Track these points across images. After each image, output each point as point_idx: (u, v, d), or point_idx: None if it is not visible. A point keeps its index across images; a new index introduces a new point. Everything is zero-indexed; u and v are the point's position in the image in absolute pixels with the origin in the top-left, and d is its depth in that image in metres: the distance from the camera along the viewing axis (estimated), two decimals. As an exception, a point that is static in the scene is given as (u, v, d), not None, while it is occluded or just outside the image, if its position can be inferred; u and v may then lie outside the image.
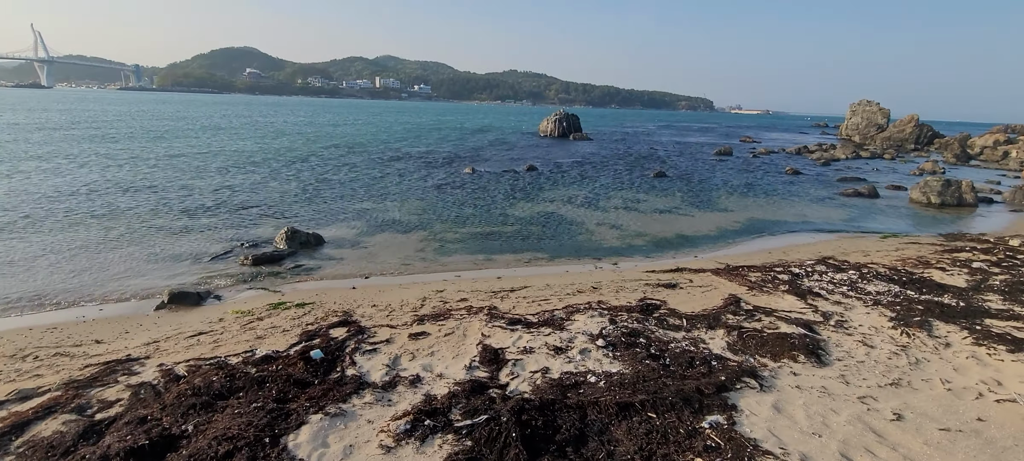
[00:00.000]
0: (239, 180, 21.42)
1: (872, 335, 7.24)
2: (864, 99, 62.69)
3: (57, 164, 22.98)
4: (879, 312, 8.18)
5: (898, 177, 30.71)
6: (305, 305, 8.55)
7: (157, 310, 8.59)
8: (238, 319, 7.86)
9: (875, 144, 54.39)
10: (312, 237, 13.06)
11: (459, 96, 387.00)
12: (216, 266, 11.18)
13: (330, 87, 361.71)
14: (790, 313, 8.09)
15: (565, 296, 9.15)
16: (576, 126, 53.49)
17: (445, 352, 6.49)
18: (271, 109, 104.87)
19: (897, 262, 11.67)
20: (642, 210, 18.83)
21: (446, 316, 7.84)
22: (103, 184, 19.11)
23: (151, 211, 15.45)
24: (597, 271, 11.56)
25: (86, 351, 6.62)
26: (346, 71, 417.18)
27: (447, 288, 9.80)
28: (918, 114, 56.23)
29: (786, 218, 18.59)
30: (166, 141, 35.39)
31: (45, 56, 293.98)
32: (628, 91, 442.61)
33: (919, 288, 9.48)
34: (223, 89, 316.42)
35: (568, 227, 15.86)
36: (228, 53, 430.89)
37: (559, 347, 6.58)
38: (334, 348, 6.47)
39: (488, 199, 19.59)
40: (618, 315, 7.83)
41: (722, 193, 23.20)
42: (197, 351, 6.51)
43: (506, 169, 27.83)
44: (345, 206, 17.65)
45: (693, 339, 6.97)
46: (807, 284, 9.81)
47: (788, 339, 6.85)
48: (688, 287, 9.84)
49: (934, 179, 22.61)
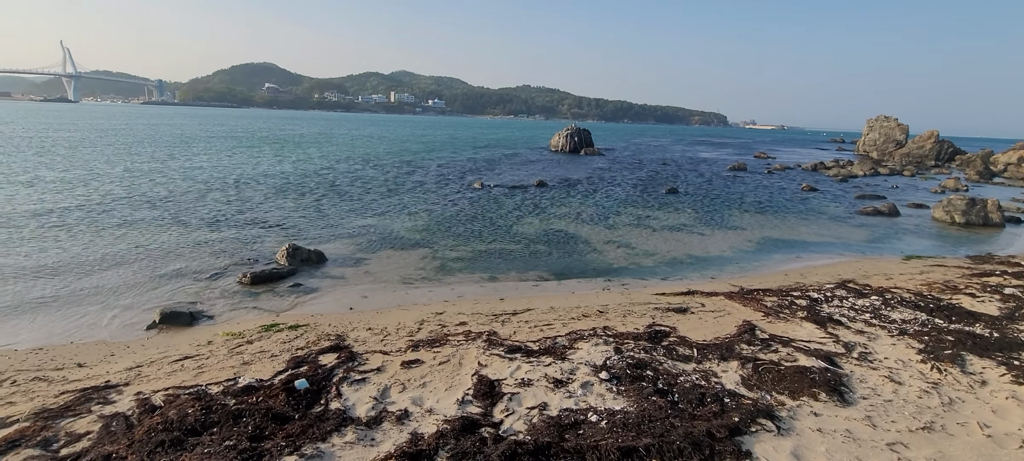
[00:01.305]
0: (247, 194, 21.38)
1: (899, 369, 6.70)
2: (882, 115, 61.55)
3: (70, 177, 23.20)
4: (906, 343, 7.63)
5: (919, 195, 29.82)
6: (298, 327, 8.24)
7: (148, 330, 8.35)
8: (227, 342, 7.56)
9: (894, 160, 53.19)
10: (314, 254, 12.82)
11: (472, 110, 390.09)
12: (214, 284, 10.96)
13: (346, 101, 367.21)
14: (809, 343, 7.58)
15: (569, 321, 8.72)
16: (587, 141, 53.18)
17: (438, 383, 6.11)
18: (286, 123, 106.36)
19: (923, 286, 11.06)
20: (653, 228, 18.35)
21: (442, 342, 7.46)
22: (110, 197, 19.15)
23: (156, 225, 15.36)
24: (604, 293, 11.11)
25: (66, 376, 6.36)
26: (362, 86, 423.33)
27: (447, 310, 9.44)
28: (938, 130, 54.99)
29: (803, 237, 17.96)
30: (179, 153, 35.77)
31: (73, 71, 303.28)
32: (641, 106, 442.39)
33: (948, 316, 8.89)
34: (242, 103, 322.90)
35: (576, 245, 15.45)
36: (248, 69, 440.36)
37: (559, 380, 6.16)
38: (321, 377, 6.13)
39: (495, 215, 19.26)
40: (624, 343, 7.39)
41: (736, 210, 22.61)
42: (179, 378, 6.21)
43: (516, 184, 27.55)
44: (351, 221, 17.44)
45: (704, 372, 6.50)
46: (827, 310, 9.27)
47: (808, 373, 6.35)
48: (700, 312, 9.35)
49: (958, 197, 21.80)
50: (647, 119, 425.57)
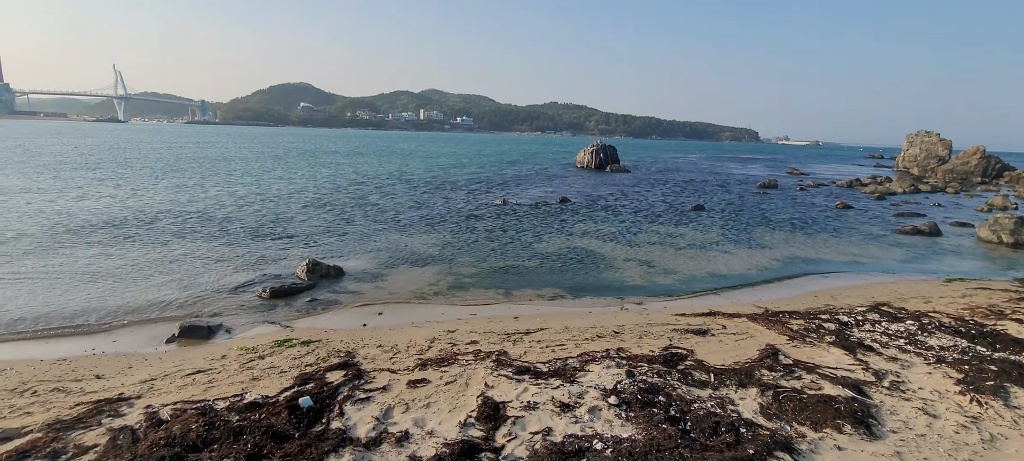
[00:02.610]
0: (278, 209, 21.93)
1: (935, 401, 6.24)
2: (922, 130, 59.12)
3: (115, 192, 24.33)
4: (943, 372, 7.12)
5: (963, 213, 28.33)
6: (311, 343, 8.28)
7: (166, 343, 8.54)
8: (240, 357, 7.65)
9: (936, 177, 50.86)
10: (332, 269, 12.98)
11: (500, 127, 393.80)
12: (235, 298, 11.19)
13: (376, 119, 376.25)
14: (836, 370, 7.16)
15: (583, 341, 8.51)
16: (613, 157, 52.80)
17: (442, 404, 6.00)
18: (320, 140, 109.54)
19: (964, 311, 10.38)
20: (677, 246, 17.92)
21: (451, 361, 7.36)
22: (148, 212, 19.95)
23: (186, 239, 15.87)
24: (621, 313, 10.84)
25: (83, 387, 6.53)
26: (392, 104, 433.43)
27: (459, 328, 9.35)
28: (983, 146, 52.37)
29: (835, 257, 17.23)
30: (219, 169, 37.15)
31: (123, 93, 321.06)
32: (669, 122, 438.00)
33: (991, 344, 8.28)
34: (278, 122, 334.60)
35: (596, 263, 15.20)
36: (285, 88, 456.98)
37: (566, 403, 5.97)
38: (326, 394, 6.10)
39: (516, 231, 19.19)
40: (638, 366, 7.13)
41: (765, 228, 21.92)
42: (189, 392, 6.29)
43: (539, 201, 27.46)
44: (372, 236, 17.65)
45: (720, 399, 6.19)
46: (857, 335, 8.78)
47: (832, 403, 5.98)
48: (720, 334, 9.00)
49: (1005, 216, 20.58)
50: (676, 135, 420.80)
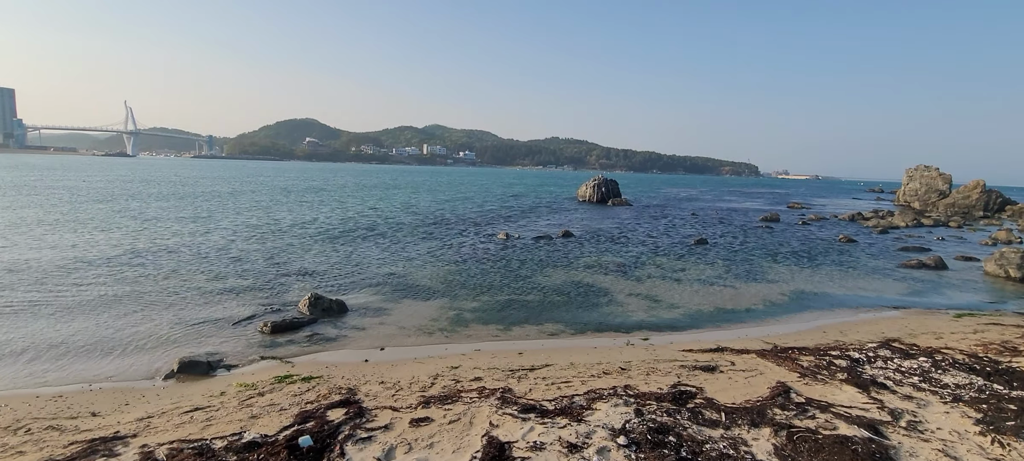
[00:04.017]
0: (282, 243, 21.93)
1: (955, 443, 6.04)
2: (921, 164, 59.54)
3: (110, 225, 24.44)
4: (961, 411, 6.92)
5: (967, 247, 28.19)
6: (312, 379, 8.13)
7: (165, 380, 8.39)
8: (239, 393, 7.50)
9: (937, 211, 50.90)
10: (335, 304, 12.87)
11: (502, 162, 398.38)
12: (236, 333, 11.05)
13: (380, 154, 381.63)
14: (850, 409, 6.97)
15: (589, 378, 8.33)
16: (615, 191, 53.12)
17: (446, 444, 5.83)
18: (327, 174, 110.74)
19: (977, 347, 10.18)
20: (681, 280, 17.79)
21: (455, 399, 7.19)
22: (153, 246, 19.97)
23: (190, 273, 15.81)
24: (627, 348, 10.66)
25: (78, 425, 6.37)
26: (396, 139, 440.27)
27: (463, 364, 9.18)
28: (983, 180, 52.61)
29: (841, 292, 17.06)
30: (227, 203, 37.42)
31: (133, 128, 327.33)
32: (670, 156, 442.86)
33: (1008, 382, 8.08)
34: (284, 157, 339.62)
35: (599, 298, 15.06)
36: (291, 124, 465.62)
37: (574, 444, 5.79)
38: (327, 433, 5.94)
39: (519, 266, 19.10)
40: (646, 404, 6.96)
41: (769, 262, 21.80)
42: (186, 430, 6.13)
43: (541, 235, 27.45)
44: (376, 270, 17.58)
45: (732, 439, 6.00)
46: (869, 372, 8.59)
47: (849, 444, 5.79)
48: (729, 371, 8.81)
49: (1011, 250, 20.46)
50: (676, 169, 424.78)
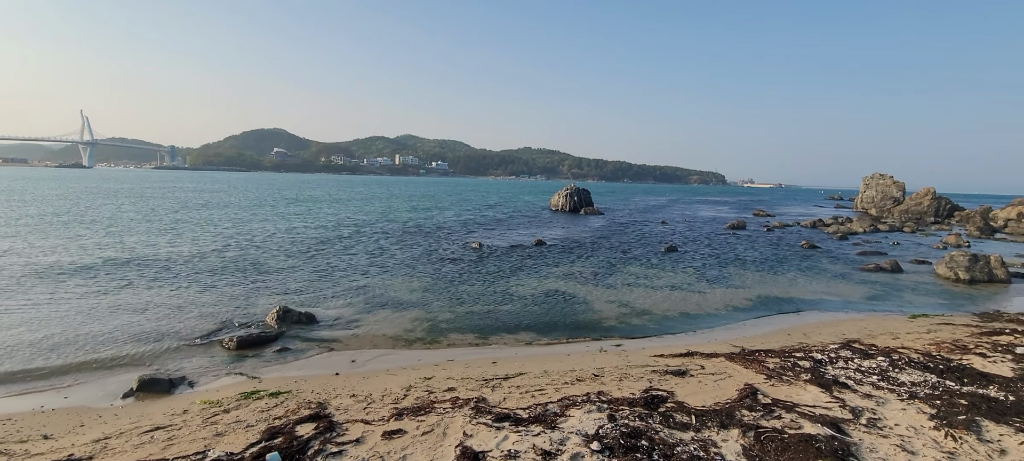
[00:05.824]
0: (249, 255, 21.32)
1: (911, 437, 6.30)
2: (877, 172, 62.38)
3: (69, 237, 23.30)
4: (917, 408, 7.23)
5: (921, 251, 29.61)
6: (280, 394, 7.90)
7: (124, 398, 8.02)
8: (203, 411, 7.23)
9: (892, 217, 53.34)
10: (304, 316, 12.58)
11: (475, 172, 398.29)
12: (199, 348, 10.67)
13: (351, 164, 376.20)
14: (814, 408, 7.19)
15: (563, 385, 8.36)
16: (587, 200, 53.74)
17: (419, 456, 5.75)
18: (298, 185, 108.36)
19: (931, 346, 10.68)
20: (652, 286, 18.09)
21: (428, 410, 7.11)
22: (111, 260, 19.11)
23: (149, 287, 15.20)
24: (601, 355, 10.76)
25: (29, 449, 6.02)
26: (368, 149, 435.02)
27: (436, 375, 9.09)
28: (934, 187, 55.48)
29: (805, 295, 17.65)
30: (191, 215, 36.15)
31: (90, 138, 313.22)
32: (640, 166, 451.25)
33: (959, 378, 8.49)
34: (251, 167, 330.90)
35: (573, 305, 15.16)
36: (258, 134, 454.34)
37: (548, 451, 5.79)
38: (296, 450, 5.78)
39: (493, 275, 19.08)
40: (619, 410, 7.02)
41: (736, 268, 22.39)
42: (146, 451, 5.86)
43: (514, 244, 27.52)
44: (346, 281, 17.26)
45: (703, 442, 6.11)
46: (832, 372, 8.89)
47: (813, 442, 5.97)
48: (699, 374, 8.98)
49: (960, 254, 21.59)
50: (646, 178, 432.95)
